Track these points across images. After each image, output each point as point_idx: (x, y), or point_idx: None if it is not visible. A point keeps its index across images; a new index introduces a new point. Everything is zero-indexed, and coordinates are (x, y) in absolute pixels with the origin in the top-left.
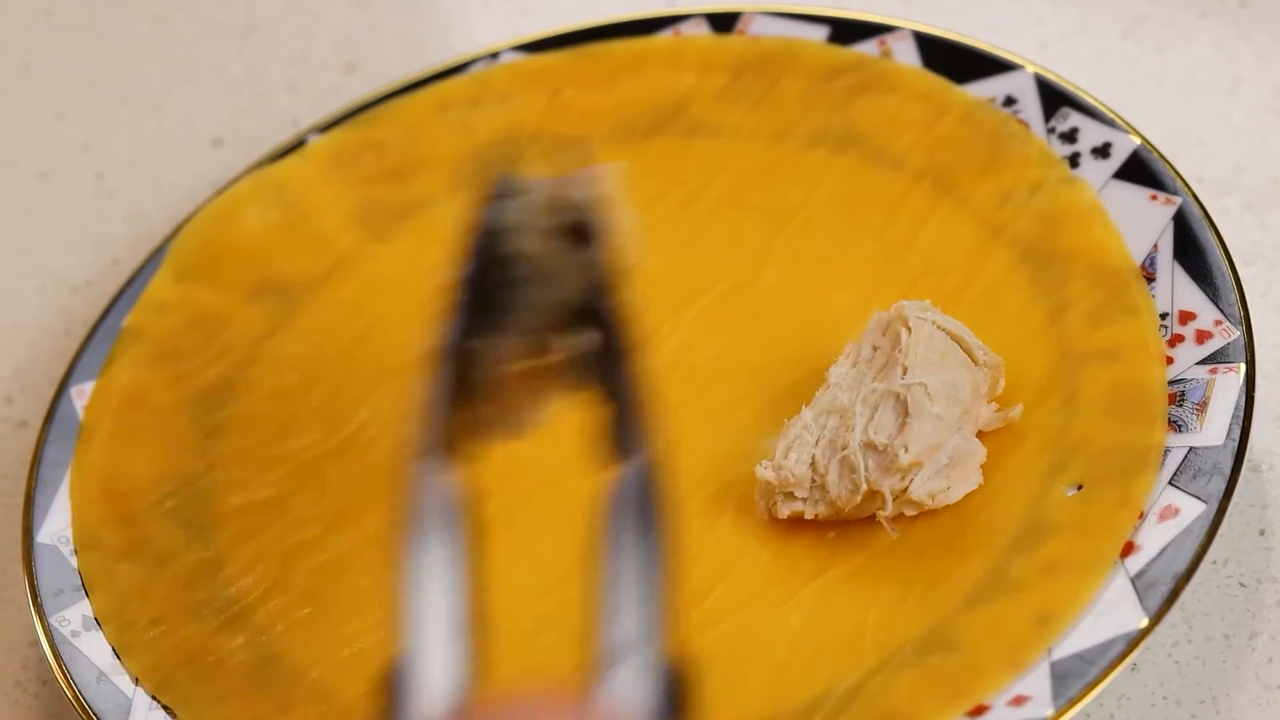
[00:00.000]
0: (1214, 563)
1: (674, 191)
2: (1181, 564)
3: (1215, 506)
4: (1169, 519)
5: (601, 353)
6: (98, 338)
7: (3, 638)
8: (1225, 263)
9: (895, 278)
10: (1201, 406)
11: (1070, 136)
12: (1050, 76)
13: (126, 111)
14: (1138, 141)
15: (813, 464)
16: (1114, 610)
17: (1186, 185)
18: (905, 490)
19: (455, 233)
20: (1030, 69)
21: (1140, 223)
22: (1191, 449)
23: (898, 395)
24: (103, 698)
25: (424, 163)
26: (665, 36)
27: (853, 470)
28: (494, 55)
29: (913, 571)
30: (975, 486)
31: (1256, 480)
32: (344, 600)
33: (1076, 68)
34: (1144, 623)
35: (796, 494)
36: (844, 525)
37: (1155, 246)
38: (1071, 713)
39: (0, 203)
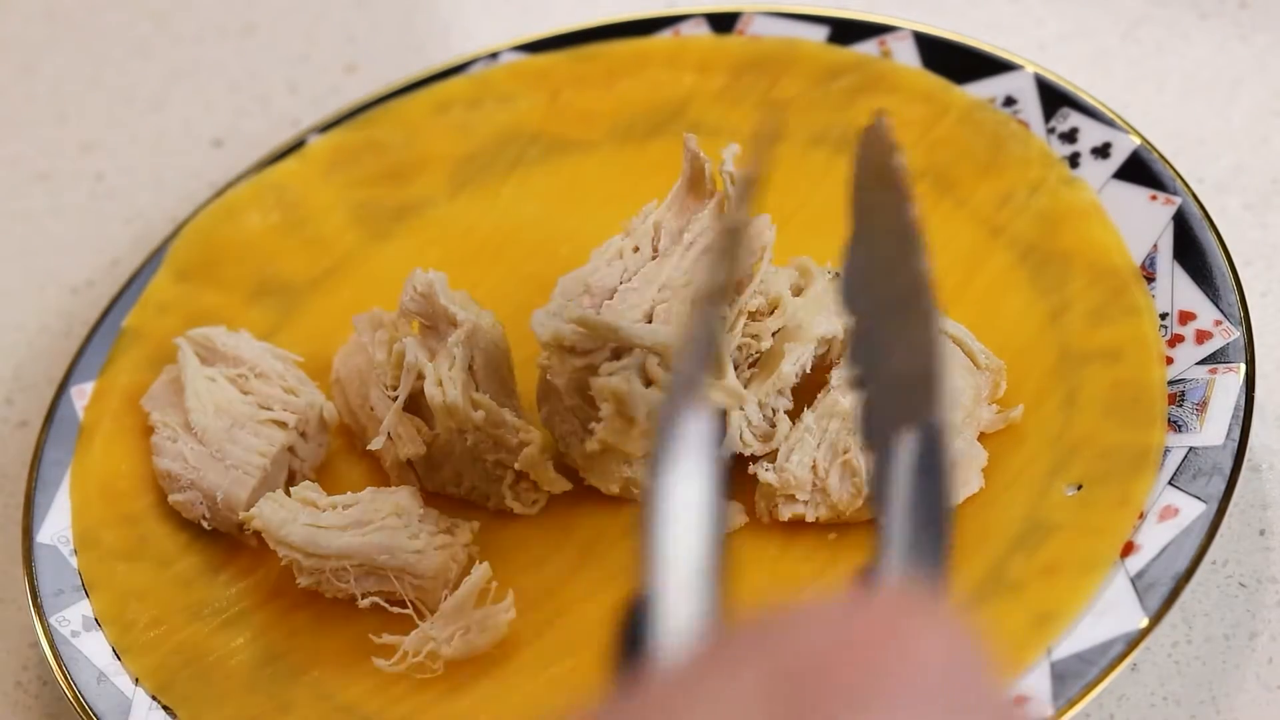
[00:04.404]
0: (1214, 563)
1: None
2: (1181, 564)
3: (1215, 507)
4: (1169, 519)
5: None
6: (98, 338)
7: (3, 638)
8: (1225, 263)
9: None
10: (1201, 406)
11: (1070, 136)
12: (1050, 77)
13: (126, 112)
14: (1137, 141)
15: (814, 467)
16: (1114, 610)
17: (1186, 185)
18: None
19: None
20: (1030, 69)
21: (1140, 223)
22: (1191, 449)
23: None
24: (103, 698)
25: (424, 163)
26: (665, 37)
27: (854, 473)
28: (494, 55)
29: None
30: (976, 490)
31: (1256, 480)
32: (343, 600)
33: (1076, 68)
34: (1144, 623)
35: (798, 496)
36: (845, 528)
37: (1155, 246)
38: (1071, 713)
39: (0, 203)
